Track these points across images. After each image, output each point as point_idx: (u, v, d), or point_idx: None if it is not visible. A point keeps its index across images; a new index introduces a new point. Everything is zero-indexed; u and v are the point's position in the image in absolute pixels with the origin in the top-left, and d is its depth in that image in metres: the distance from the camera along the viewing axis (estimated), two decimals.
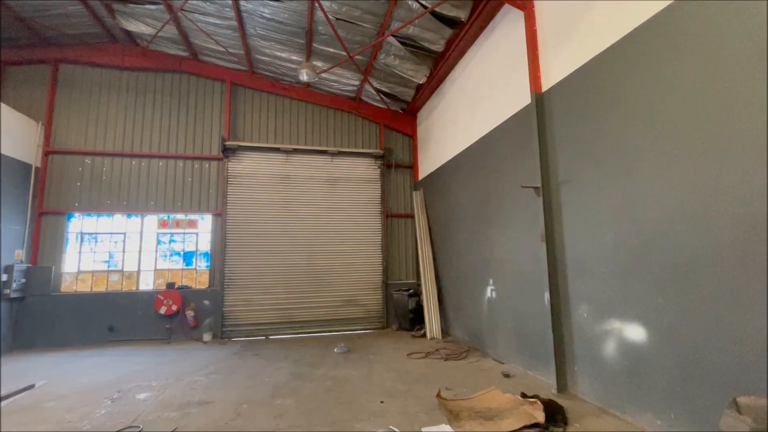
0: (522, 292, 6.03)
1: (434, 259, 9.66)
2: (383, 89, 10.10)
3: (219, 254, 9.52)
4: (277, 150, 10.14)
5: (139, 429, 4.14)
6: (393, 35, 7.75)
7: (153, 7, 8.21)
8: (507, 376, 5.75)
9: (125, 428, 4.17)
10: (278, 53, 9.25)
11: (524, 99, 5.95)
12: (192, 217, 9.71)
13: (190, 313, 8.97)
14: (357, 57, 8.65)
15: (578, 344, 4.81)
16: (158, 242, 9.54)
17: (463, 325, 8.16)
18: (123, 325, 8.80)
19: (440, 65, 8.46)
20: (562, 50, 5.20)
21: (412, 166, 11.17)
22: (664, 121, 3.76)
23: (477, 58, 7.62)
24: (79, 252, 9.14)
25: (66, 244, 9.05)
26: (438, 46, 8.07)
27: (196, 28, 8.59)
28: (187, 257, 9.64)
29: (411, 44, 8.21)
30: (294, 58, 9.31)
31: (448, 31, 7.68)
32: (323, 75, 9.50)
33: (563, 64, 5.17)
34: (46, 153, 9.11)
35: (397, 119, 11.15)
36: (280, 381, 5.80)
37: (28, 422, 4.41)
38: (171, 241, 9.63)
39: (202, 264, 9.64)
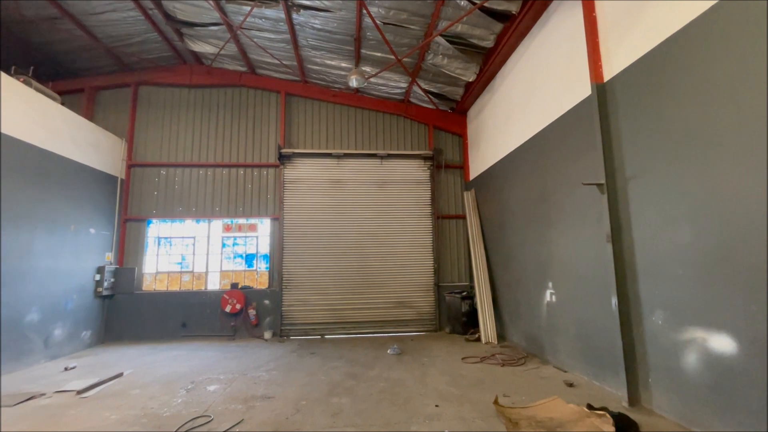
0: (585, 296, 5.65)
1: (488, 261, 9.38)
2: (431, 90, 10.03)
3: (277, 256, 10.03)
4: (329, 155, 10.48)
5: (210, 418, 4.47)
6: (441, 35, 7.68)
7: (215, 27, 8.88)
8: (570, 385, 5.41)
9: (198, 416, 4.53)
10: (328, 61, 9.56)
11: (583, 91, 5.59)
12: (252, 221, 10.34)
13: (252, 312, 9.53)
14: (405, 59, 8.68)
15: (652, 354, 4.40)
16: (223, 245, 10.26)
17: (520, 329, 7.82)
18: (194, 321, 9.58)
19: (490, 61, 8.23)
20: (627, 35, 4.81)
21: (463, 166, 10.96)
22: (752, 105, 3.33)
23: (529, 52, 7.31)
24: (157, 254, 10.11)
25: (146, 247, 10.06)
26: (488, 42, 7.85)
27: (253, 44, 9.15)
28: (249, 259, 10.26)
29: (459, 42, 8.07)
30: (343, 65, 9.57)
31: (498, 26, 7.45)
32: (372, 79, 9.66)
33: (628, 51, 4.79)
34: (129, 166, 10.21)
35: (446, 119, 11.02)
36: (335, 380, 5.96)
37: (119, 406, 4.95)
38: (234, 244, 10.32)
39: (262, 265, 10.21)
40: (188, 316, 9.58)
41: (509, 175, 8.23)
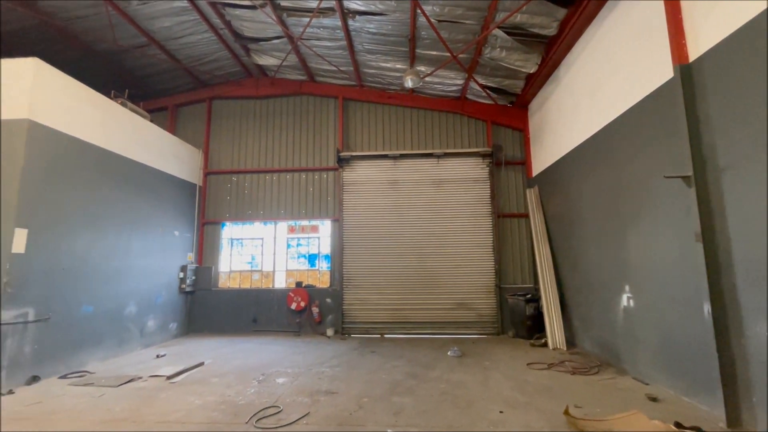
0: (670, 301, 5.10)
1: (554, 261, 8.84)
2: (489, 84, 9.71)
3: (338, 256, 10.37)
4: (385, 157, 10.61)
5: (280, 409, 4.75)
6: (499, 27, 7.40)
7: (278, 40, 9.43)
8: (653, 399, 4.91)
9: (269, 407, 4.83)
10: (383, 64, 9.68)
11: (663, 74, 5.04)
12: (314, 222, 10.81)
13: (315, 310, 9.96)
14: (460, 56, 8.50)
15: (757, 370, 3.84)
16: (288, 246, 10.85)
17: (592, 336, 7.26)
18: (263, 317, 10.24)
19: (553, 50, 7.76)
20: (717, 7, 4.25)
21: (524, 162, 10.45)
22: None
23: (597, 37, 6.76)
24: (230, 254, 10.98)
25: (221, 248, 10.97)
26: (550, 30, 7.41)
27: (312, 53, 9.56)
28: (311, 259, 10.74)
29: (518, 33, 7.71)
30: (398, 66, 9.63)
31: (561, 12, 7.00)
32: (427, 78, 9.60)
33: (719, 25, 4.23)
34: (206, 174, 11.22)
35: (505, 114, 10.59)
36: (396, 379, 6.01)
37: (201, 392, 5.45)
38: (298, 244, 10.87)
39: (323, 265, 10.62)
40: (258, 312, 10.28)
41: (577, 169, 7.69)
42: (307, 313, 10.08)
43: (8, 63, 6.41)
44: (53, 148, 6.59)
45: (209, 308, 10.43)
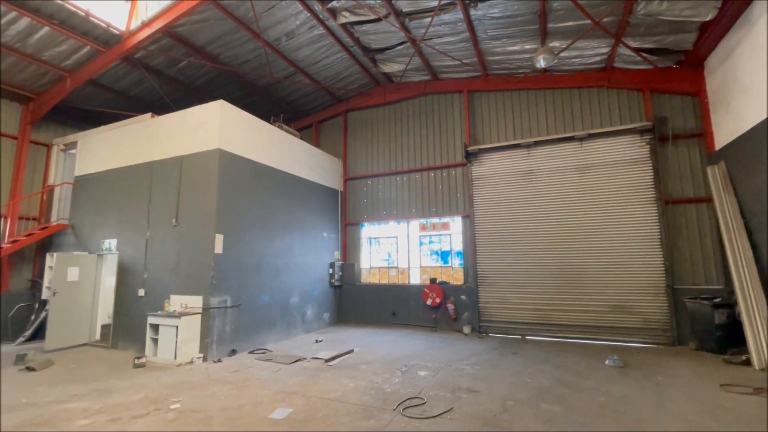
0: None
1: (755, 256, 6.86)
2: (645, 46, 8.14)
3: (470, 253, 10.18)
4: (517, 146, 9.93)
5: (423, 401, 4.92)
6: None
7: (401, 46, 9.79)
8: None
9: (414, 397, 5.05)
10: (510, 48, 9.09)
11: None
12: (445, 220, 10.86)
13: (450, 306, 9.99)
14: (604, 20, 7.36)
15: None
16: (420, 243, 11.17)
17: None
18: (401, 311, 10.79)
19: None
20: None
21: (702, 134, 8.39)
22: None
23: None
24: (369, 252, 11.90)
25: (361, 246, 12.00)
26: None
27: (435, 51, 9.62)
28: (444, 256, 10.81)
29: None
30: (527, 47, 8.91)
31: None
32: (562, 54, 8.62)
33: None
34: (345, 180, 12.43)
35: (669, 78, 8.70)
36: (543, 385, 5.56)
37: (353, 376, 6.06)
38: (430, 242, 11.09)
39: (456, 262, 10.58)
40: (396, 306, 10.87)
41: None
42: (442, 310, 10.20)
43: (203, 107, 8.31)
44: (235, 169, 8.26)
45: (354, 301, 11.52)
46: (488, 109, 10.67)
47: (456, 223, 10.69)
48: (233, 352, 7.73)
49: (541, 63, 7.87)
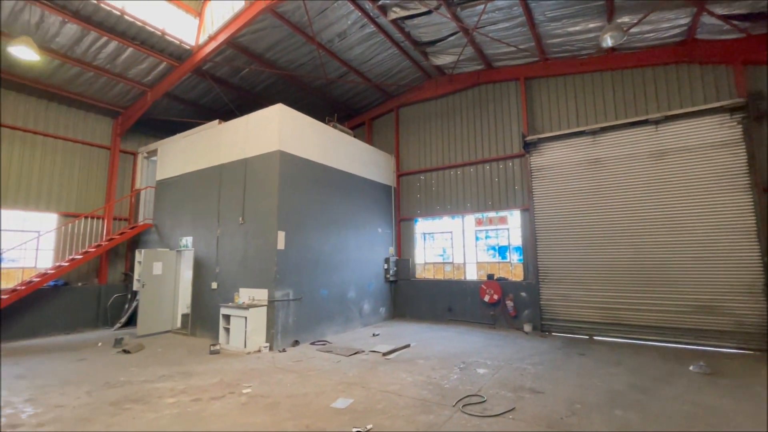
0: None
1: None
2: (735, 12, 7.16)
3: (530, 248, 9.73)
4: (581, 133, 9.26)
5: (483, 399, 4.81)
6: None
7: (453, 37, 9.56)
8: None
9: (473, 395, 4.96)
10: (571, 29, 8.49)
11: None
12: (502, 214, 10.47)
13: (509, 303, 9.64)
14: None
15: None
16: (476, 238, 10.90)
17: None
18: (457, 307, 10.62)
19: None
20: None
21: None
22: None
23: None
24: (423, 248, 11.86)
25: (415, 241, 11.99)
26: None
27: (489, 39, 9.27)
28: (501, 251, 10.45)
29: None
30: (591, 26, 8.26)
31: None
32: (633, 30, 7.87)
33: None
34: (398, 176, 12.48)
35: (766, 47, 7.58)
36: (615, 389, 5.17)
37: (411, 371, 6.09)
38: (486, 237, 10.77)
39: (515, 257, 10.17)
40: (452, 302, 10.73)
41: None
42: (501, 306, 9.88)
43: (264, 111, 8.79)
44: (293, 169, 8.65)
45: (409, 296, 11.56)
46: (547, 95, 10.07)
47: (514, 217, 10.27)
48: (296, 342, 8.15)
49: (608, 42, 7.24)
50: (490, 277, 10.25)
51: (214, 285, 8.94)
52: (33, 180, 9.82)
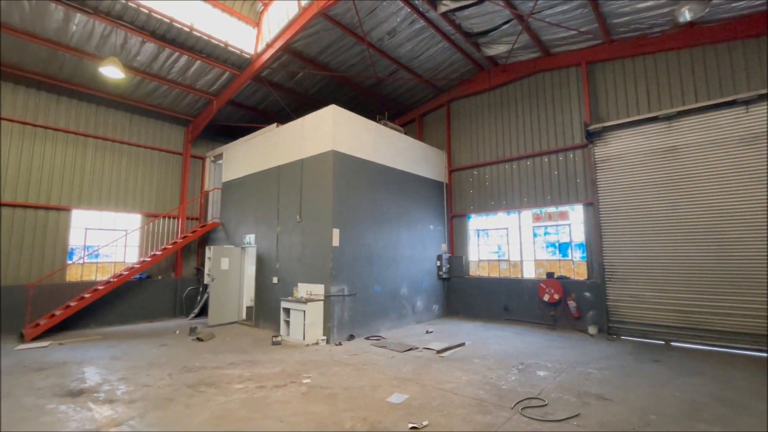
0: None
1: None
2: None
3: (595, 245, 9.10)
4: (653, 119, 8.45)
5: (545, 403, 4.61)
6: None
7: (506, 26, 9.18)
8: None
9: (533, 398, 4.77)
10: (641, 5, 7.76)
11: None
12: (562, 209, 9.89)
13: (572, 304, 9.10)
14: None
15: None
16: (534, 235, 10.41)
17: None
18: (514, 306, 10.25)
19: None
20: None
21: None
22: None
23: None
24: (477, 245, 11.57)
25: (468, 238, 11.73)
26: None
27: (545, 24, 8.78)
28: (562, 248, 9.88)
29: None
30: (664, 0, 7.48)
31: None
32: (715, 1, 7.00)
33: None
34: (450, 172, 12.28)
35: None
36: (697, 401, 4.69)
37: (466, 369, 6.00)
38: (545, 233, 10.24)
39: (577, 255, 9.57)
40: (508, 300, 10.36)
41: None
42: (562, 307, 9.36)
43: (318, 113, 9.10)
44: (347, 168, 8.86)
45: (463, 294, 11.36)
46: (613, 80, 9.31)
47: (576, 212, 9.65)
48: (351, 336, 8.38)
49: (686, 16, 6.53)
50: (550, 275, 9.75)
51: (275, 280, 9.47)
52: (121, 185, 11.08)
